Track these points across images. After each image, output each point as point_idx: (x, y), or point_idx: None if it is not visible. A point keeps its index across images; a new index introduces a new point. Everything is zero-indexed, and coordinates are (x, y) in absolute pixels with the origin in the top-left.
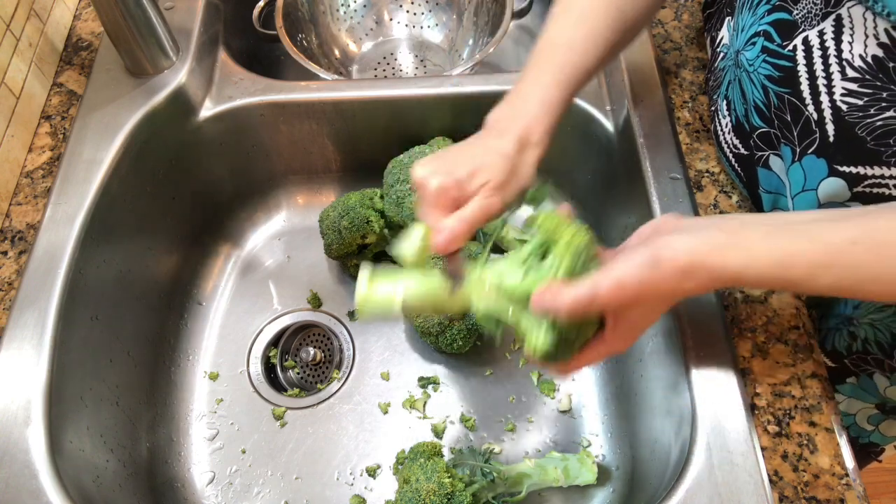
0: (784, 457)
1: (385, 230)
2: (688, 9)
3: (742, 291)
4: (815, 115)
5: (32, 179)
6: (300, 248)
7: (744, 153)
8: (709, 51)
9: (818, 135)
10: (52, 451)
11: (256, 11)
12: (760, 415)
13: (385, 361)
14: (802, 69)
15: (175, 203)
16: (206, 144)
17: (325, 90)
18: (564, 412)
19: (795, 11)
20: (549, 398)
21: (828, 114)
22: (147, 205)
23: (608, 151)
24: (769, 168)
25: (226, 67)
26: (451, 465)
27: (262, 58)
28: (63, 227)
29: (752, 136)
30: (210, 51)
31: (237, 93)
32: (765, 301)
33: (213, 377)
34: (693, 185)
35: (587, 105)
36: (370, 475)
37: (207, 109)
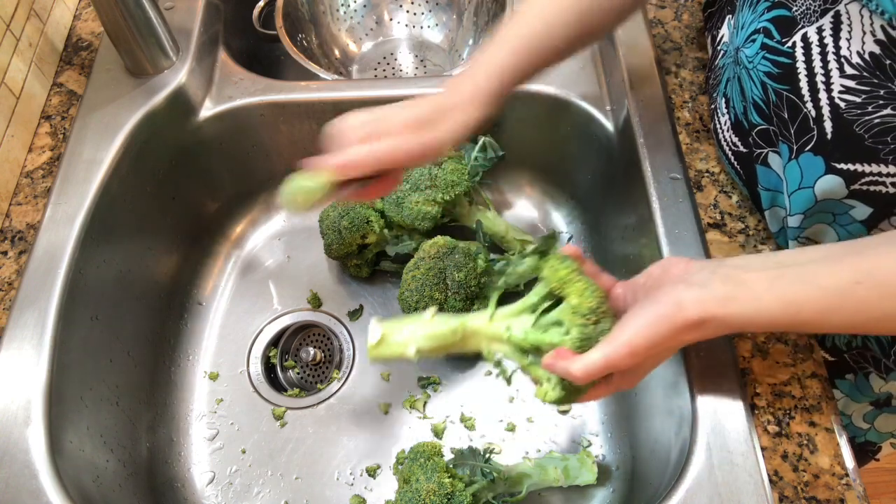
0: (784, 457)
1: (385, 230)
2: (688, 9)
3: None
4: (814, 113)
5: (32, 179)
6: (300, 248)
7: (743, 151)
8: (709, 49)
9: (816, 132)
10: (52, 451)
11: (256, 11)
12: (760, 415)
13: (385, 361)
14: (801, 66)
15: (175, 203)
16: (206, 144)
17: (325, 90)
18: (564, 412)
19: (795, 8)
20: None
21: (826, 111)
22: (147, 205)
23: (608, 151)
24: (768, 165)
25: (226, 67)
26: (451, 465)
27: (262, 58)
28: (63, 227)
29: (751, 134)
30: (210, 51)
31: (237, 93)
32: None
33: (213, 377)
34: (693, 185)
35: (587, 105)
36: (370, 475)
37: (207, 109)
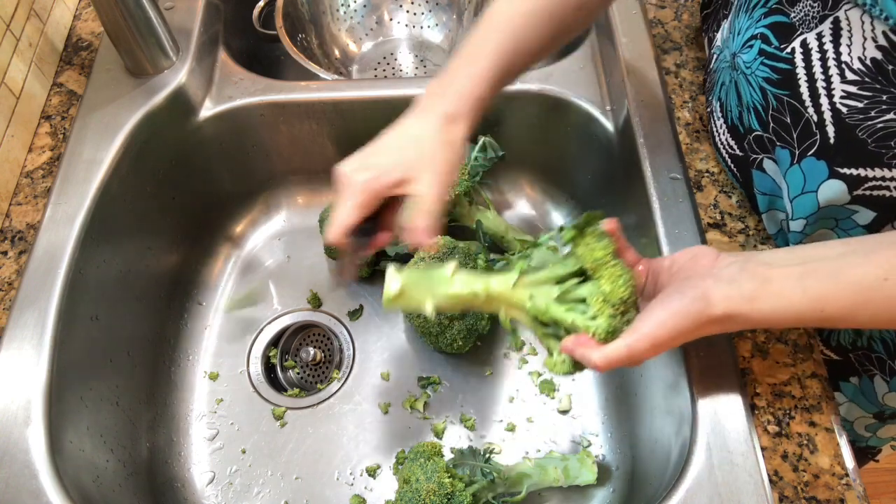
0: (784, 457)
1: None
2: (688, 9)
3: None
4: (815, 118)
5: (32, 179)
6: (300, 248)
7: (739, 154)
8: (707, 51)
9: (818, 137)
10: (52, 451)
11: (256, 11)
12: (760, 415)
13: (385, 361)
14: (801, 72)
15: (175, 203)
16: (206, 144)
17: (325, 90)
18: (564, 412)
19: (793, 14)
20: (549, 398)
21: (828, 116)
22: (147, 205)
23: (608, 151)
24: (763, 171)
25: (226, 67)
26: (451, 465)
27: (262, 58)
28: (63, 227)
29: (747, 138)
30: (210, 51)
31: (237, 93)
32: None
33: (213, 377)
34: (693, 185)
35: (587, 105)
36: (370, 475)
37: (207, 109)
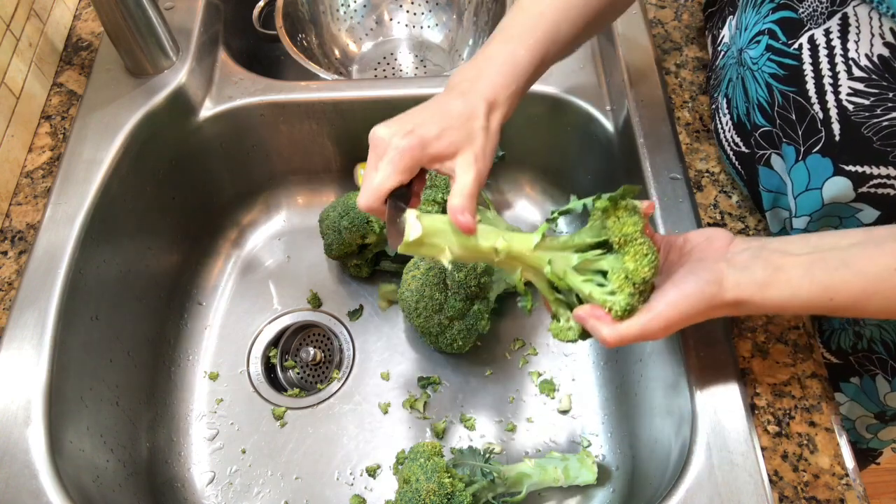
0: (784, 457)
1: (385, 230)
2: (688, 9)
3: None
4: (821, 114)
5: (32, 179)
6: (300, 248)
7: (744, 151)
8: (710, 49)
9: (824, 134)
10: (52, 451)
11: (256, 11)
12: (760, 415)
13: (385, 361)
14: (808, 68)
15: (175, 203)
16: (206, 144)
17: (325, 90)
18: (564, 412)
19: (801, 10)
20: (549, 398)
21: (833, 113)
22: (147, 205)
23: (608, 151)
24: (770, 167)
25: (226, 67)
26: (451, 465)
27: (262, 58)
28: (63, 227)
29: (754, 135)
30: (210, 51)
31: (237, 93)
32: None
33: (213, 377)
34: (693, 185)
35: (587, 105)
36: (370, 475)
37: (207, 109)
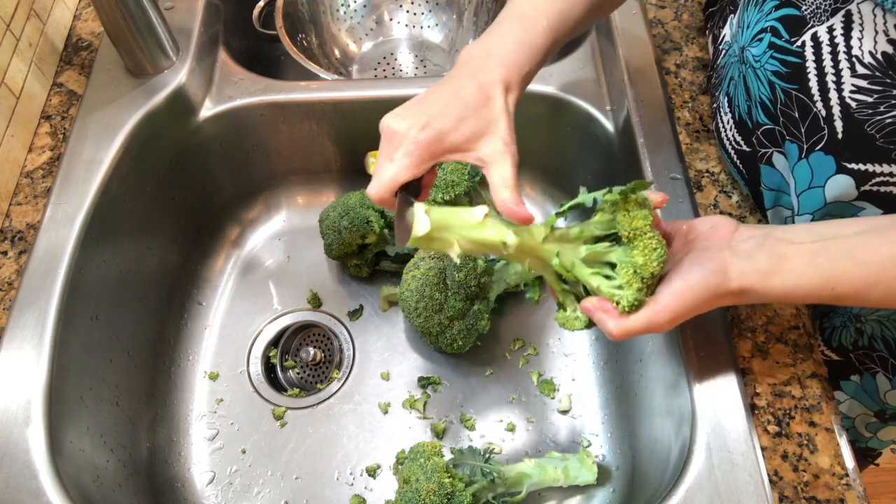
0: (784, 457)
1: (385, 230)
2: (688, 9)
3: None
4: (824, 112)
5: (32, 179)
6: (300, 248)
7: (746, 150)
8: (710, 49)
9: (826, 131)
10: (52, 451)
11: (256, 11)
12: (760, 415)
13: (385, 361)
14: (811, 65)
15: (175, 203)
16: (206, 144)
17: (325, 90)
18: (564, 412)
19: (804, 7)
20: (549, 398)
21: (836, 111)
22: (147, 205)
23: (608, 151)
24: (772, 165)
25: (226, 67)
26: (451, 465)
27: (262, 58)
28: (63, 227)
29: (756, 133)
30: (210, 51)
31: (237, 93)
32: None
33: (213, 377)
34: (693, 185)
35: (587, 105)
36: (370, 475)
37: (207, 109)
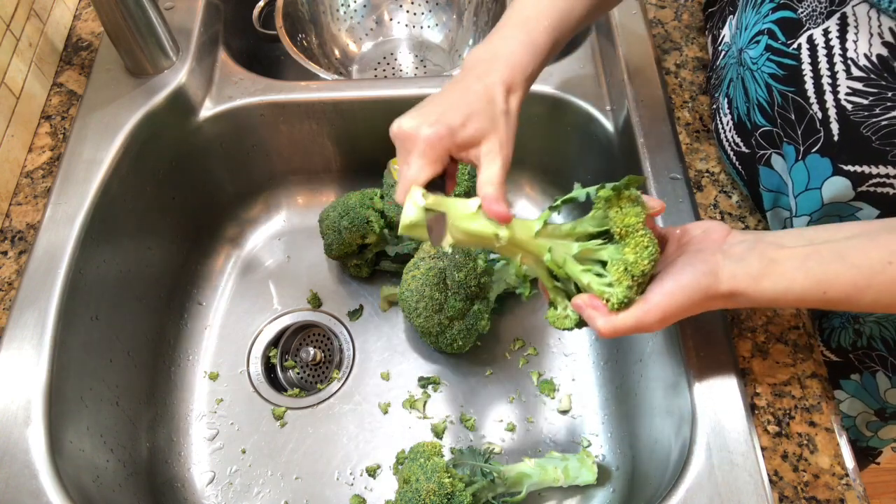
0: (784, 457)
1: (385, 230)
2: (688, 9)
3: None
4: (820, 114)
5: (32, 179)
6: (300, 248)
7: (745, 151)
8: (710, 49)
9: (822, 134)
10: (52, 451)
11: (256, 11)
12: (760, 415)
13: (385, 361)
14: (807, 68)
15: (175, 203)
16: (206, 144)
17: (325, 90)
18: (564, 412)
19: (800, 10)
20: (549, 398)
21: (832, 113)
22: (147, 205)
23: (608, 151)
24: (771, 167)
25: (226, 67)
26: (451, 465)
27: (262, 58)
28: (63, 227)
29: (754, 135)
30: (210, 51)
31: (237, 93)
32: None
33: (213, 377)
34: (693, 185)
35: (587, 105)
36: (370, 475)
37: (207, 109)
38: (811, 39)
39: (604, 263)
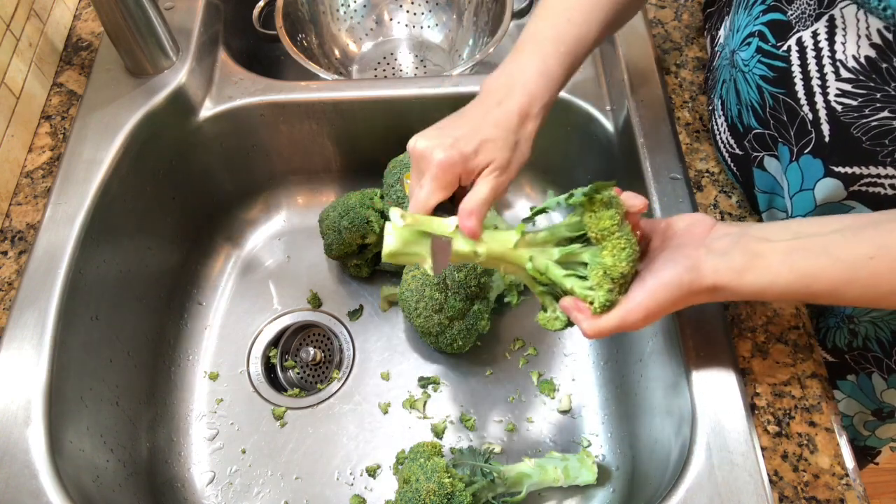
0: (784, 457)
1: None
2: (688, 9)
3: None
4: (811, 116)
5: (32, 179)
6: (300, 248)
7: (739, 153)
8: (709, 50)
9: (814, 135)
10: (52, 451)
11: (256, 11)
12: (760, 415)
13: (385, 361)
14: (797, 70)
15: (175, 203)
16: (206, 144)
17: (325, 90)
18: (564, 412)
19: (790, 12)
20: (549, 398)
21: (823, 114)
22: (147, 205)
23: (608, 151)
24: (764, 169)
25: (226, 67)
26: (451, 465)
27: (262, 58)
28: (63, 227)
29: (748, 137)
30: (210, 51)
31: (237, 93)
32: (765, 301)
33: (213, 377)
34: (693, 185)
35: (587, 105)
36: (370, 475)
37: (207, 109)
38: (800, 41)
39: (586, 266)
